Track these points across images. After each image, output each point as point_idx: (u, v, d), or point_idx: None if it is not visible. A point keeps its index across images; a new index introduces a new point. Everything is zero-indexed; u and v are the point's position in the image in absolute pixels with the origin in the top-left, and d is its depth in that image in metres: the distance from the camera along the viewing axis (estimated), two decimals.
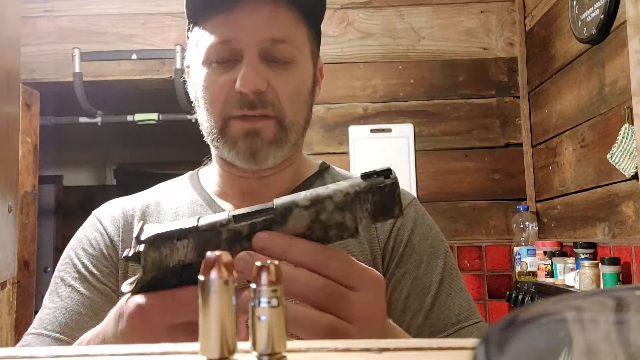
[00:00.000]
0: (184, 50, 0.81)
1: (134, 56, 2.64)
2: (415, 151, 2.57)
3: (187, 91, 0.86)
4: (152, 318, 0.47)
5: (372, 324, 0.48)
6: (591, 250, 1.91)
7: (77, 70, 2.61)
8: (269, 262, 0.38)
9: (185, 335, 0.47)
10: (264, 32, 0.75)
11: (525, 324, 0.29)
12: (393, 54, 2.65)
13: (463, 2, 2.66)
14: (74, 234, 0.89)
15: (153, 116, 2.93)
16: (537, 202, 2.51)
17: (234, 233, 0.46)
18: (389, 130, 2.59)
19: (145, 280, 0.47)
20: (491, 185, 2.57)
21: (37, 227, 2.80)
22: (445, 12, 2.66)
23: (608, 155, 1.78)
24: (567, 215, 2.22)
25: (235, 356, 0.37)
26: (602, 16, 1.83)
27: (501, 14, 2.66)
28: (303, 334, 0.45)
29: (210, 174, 0.88)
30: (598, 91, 1.94)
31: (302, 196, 0.47)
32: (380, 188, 0.49)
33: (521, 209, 2.42)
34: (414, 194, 2.53)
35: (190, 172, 0.91)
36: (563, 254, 2.10)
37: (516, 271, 2.34)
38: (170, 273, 0.47)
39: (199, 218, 0.48)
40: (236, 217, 0.47)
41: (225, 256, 0.38)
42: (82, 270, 0.81)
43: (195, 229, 0.46)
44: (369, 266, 0.78)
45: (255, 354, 0.37)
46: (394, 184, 0.49)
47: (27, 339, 0.77)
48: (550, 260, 2.15)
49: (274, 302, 0.37)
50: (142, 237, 0.47)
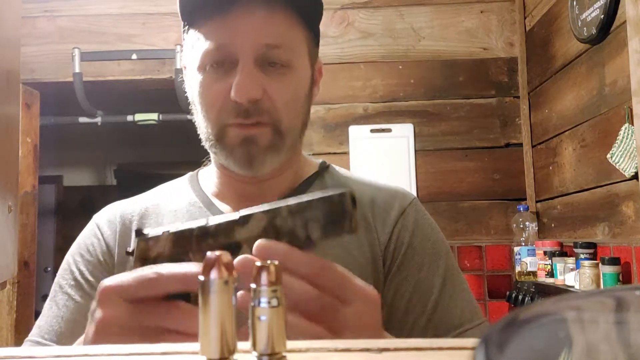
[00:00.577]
0: (184, 44, 0.81)
1: (134, 56, 2.64)
2: (415, 151, 2.57)
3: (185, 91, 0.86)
4: (122, 318, 0.48)
5: (362, 337, 0.48)
6: (591, 250, 1.91)
7: (77, 70, 2.61)
8: (268, 262, 0.38)
9: (155, 338, 0.47)
10: (259, 38, 0.74)
11: (525, 324, 0.29)
12: (393, 54, 2.65)
13: (463, 2, 2.66)
14: (74, 234, 0.90)
15: (153, 116, 2.93)
16: (537, 202, 2.51)
17: (204, 231, 0.52)
18: (389, 130, 2.59)
19: (137, 266, 0.52)
20: (491, 185, 2.57)
21: (37, 227, 2.80)
22: (445, 12, 2.66)
23: (608, 155, 1.78)
24: (567, 215, 2.22)
25: (235, 356, 0.37)
26: (602, 16, 1.83)
27: (501, 14, 2.66)
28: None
29: (209, 176, 0.88)
30: (598, 91, 1.94)
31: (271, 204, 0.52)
32: (331, 201, 0.49)
33: (521, 209, 2.42)
34: (414, 194, 2.53)
35: (190, 173, 0.92)
36: (563, 254, 2.10)
37: (516, 271, 2.34)
38: (153, 263, 0.51)
39: (183, 224, 0.54)
40: (210, 220, 0.53)
41: (225, 256, 0.38)
42: (79, 277, 0.82)
43: (175, 231, 0.52)
44: (369, 268, 0.79)
45: (255, 354, 0.37)
46: (343, 198, 0.50)
47: (26, 347, 0.78)
48: (550, 260, 2.15)
49: (274, 302, 0.37)
50: (141, 232, 0.53)
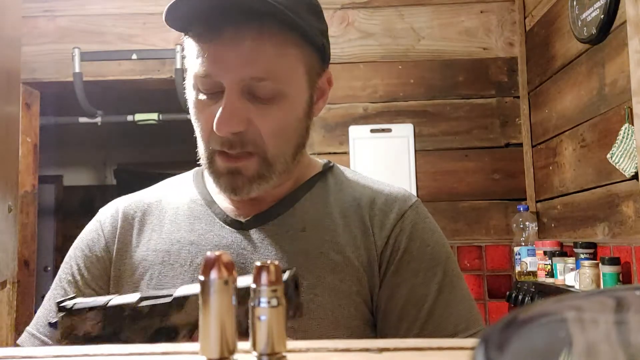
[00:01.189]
0: (184, 50, 0.80)
1: (134, 56, 2.64)
2: (415, 151, 2.57)
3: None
4: None
5: None
6: (591, 250, 1.91)
7: (77, 70, 2.61)
8: (268, 262, 0.38)
9: None
10: (244, 71, 0.71)
11: (525, 324, 0.29)
12: (393, 54, 2.64)
13: (463, 2, 2.66)
14: (74, 234, 0.91)
15: (153, 116, 2.93)
16: (537, 202, 2.51)
17: (136, 312, 0.52)
18: (389, 130, 2.59)
19: (62, 344, 0.51)
20: (491, 185, 2.57)
21: (37, 227, 2.80)
22: (445, 12, 2.66)
23: (608, 155, 1.78)
24: (567, 215, 2.22)
25: (235, 356, 0.37)
26: (602, 16, 1.83)
27: (501, 14, 2.65)
28: None
29: None
30: (598, 91, 1.94)
31: None
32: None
33: (521, 209, 2.42)
34: (414, 194, 2.53)
35: (197, 169, 0.91)
36: (563, 254, 2.10)
37: (516, 271, 2.34)
38: (84, 342, 0.51)
39: (114, 297, 0.54)
40: (142, 299, 0.53)
41: (225, 256, 0.38)
42: (76, 272, 0.84)
43: (104, 306, 0.52)
44: (364, 271, 0.78)
45: (255, 354, 0.37)
46: (286, 284, 0.47)
47: (23, 337, 0.81)
48: (550, 260, 2.15)
49: (274, 302, 0.37)
50: (63, 305, 0.53)
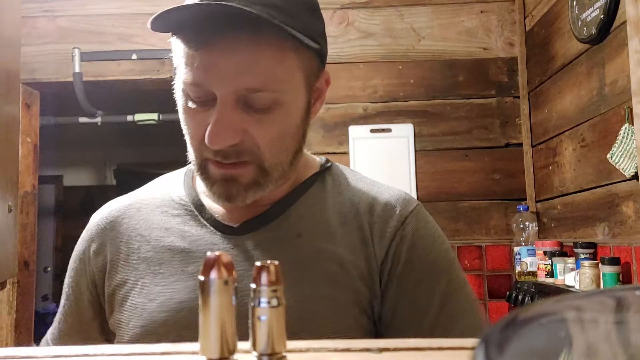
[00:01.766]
0: (172, 50, 0.77)
1: (134, 56, 2.64)
2: (415, 151, 2.57)
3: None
4: None
5: None
6: (591, 250, 1.91)
7: (77, 70, 2.61)
8: (268, 262, 0.38)
9: None
10: (238, 82, 0.68)
11: (525, 324, 0.29)
12: (393, 54, 2.64)
13: (463, 2, 2.66)
14: (74, 234, 0.92)
15: (153, 116, 2.93)
16: (537, 202, 2.51)
17: None
18: (389, 130, 2.59)
19: None
20: (491, 185, 2.57)
21: (37, 227, 2.80)
22: (445, 12, 2.66)
23: (608, 155, 1.78)
24: (567, 215, 2.22)
25: (235, 356, 0.37)
26: (602, 16, 1.83)
27: (501, 14, 2.65)
28: None
29: None
30: (598, 91, 1.94)
31: None
32: None
33: (521, 209, 2.42)
34: (414, 194, 2.53)
35: (189, 167, 0.87)
36: (563, 254, 2.10)
37: (516, 271, 2.34)
38: None
39: None
40: None
41: (225, 256, 0.38)
42: (67, 285, 0.86)
43: None
44: (364, 284, 0.74)
45: (255, 354, 0.37)
46: None
47: (42, 342, 0.86)
48: (550, 260, 2.15)
49: (274, 302, 0.37)
50: None
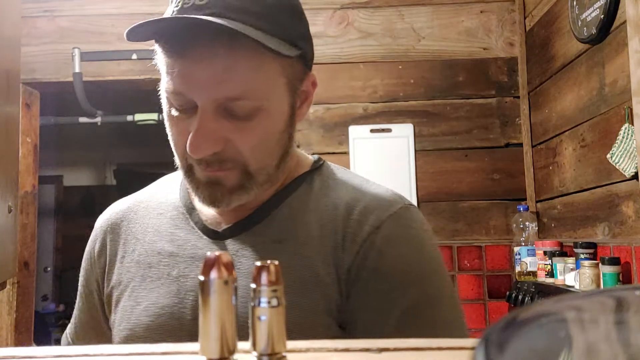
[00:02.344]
0: (155, 55, 0.77)
1: (134, 56, 2.64)
2: (415, 151, 2.57)
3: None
4: None
5: None
6: (591, 250, 1.91)
7: (77, 70, 2.61)
8: (268, 262, 0.38)
9: None
10: (217, 91, 0.67)
11: (525, 324, 0.29)
12: (393, 54, 2.64)
13: (463, 2, 2.66)
14: (74, 234, 0.96)
15: (153, 116, 2.93)
16: (537, 202, 2.51)
17: None
18: (389, 130, 2.59)
19: None
20: (491, 185, 2.57)
21: (37, 227, 2.80)
22: (445, 12, 2.66)
23: (608, 155, 1.77)
24: (567, 215, 2.22)
25: (235, 356, 0.37)
26: (602, 16, 1.83)
27: (501, 14, 2.65)
28: None
29: None
30: (598, 91, 1.94)
31: None
32: None
33: (521, 209, 2.42)
34: (414, 194, 2.53)
35: None
36: (563, 254, 2.10)
37: (516, 271, 2.34)
38: None
39: None
40: None
41: (225, 256, 0.38)
42: (80, 283, 0.89)
43: None
44: (334, 290, 0.71)
45: (255, 354, 0.37)
46: None
47: (63, 338, 0.90)
48: (550, 260, 2.15)
49: (274, 302, 0.37)
50: None
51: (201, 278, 0.37)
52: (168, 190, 0.86)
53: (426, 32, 2.65)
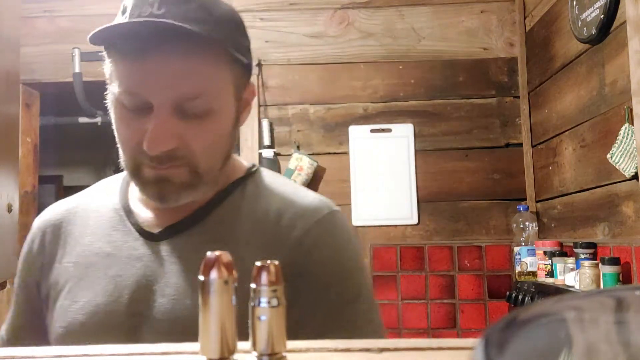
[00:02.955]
0: (104, 60, 0.79)
1: None
2: (415, 151, 2.57)
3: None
4: None
5: None
6: (591, 250, 1.91)
7: (77, 70, 2.61)
8: (268, 262, 0.38)
9: None
10: (175, 90, 0.71)
11: (525, 324, 0.29)
12: (393, 54, 2.64)
13: (463, 2, 2.66)
14: None
15: None
16: (537, 202, 2.51)
17: None
18: (389, 130, 2.59)
19: None
20: (491, 185, 2.57)
21: None
22: (446, 12, 2.66)
23: (608, 155, 1.77)
24: (567, 215, 2.22)
25: (235, 356, 0.37)
26: (602, 16, 1.83)
27: (501, 14, 2.65)
28: None
29: None
30: (598, 91, 1.94)
31: None
32: None
33: (521, 209, 2.42)
34: (414, 194, 2.53)
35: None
36: (563, 254, 2.10)
37: (516, 271, 2.34)
38: None
39: None
40: None
41: (225, 256, 0.38)
42: (20, 281, 0.89)
43: None
44: None
45: (255, 354, 0.37)
46: None
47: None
48: (550, 260, 2.15)
49: (274, 302, 0.37)
50: None
51: (201, 278, 0.37)
52: (106, 194, 0.89)
53: (426, 32, 2.65)
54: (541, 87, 2.44)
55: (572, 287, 1.93)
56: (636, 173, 1.67)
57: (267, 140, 2.56)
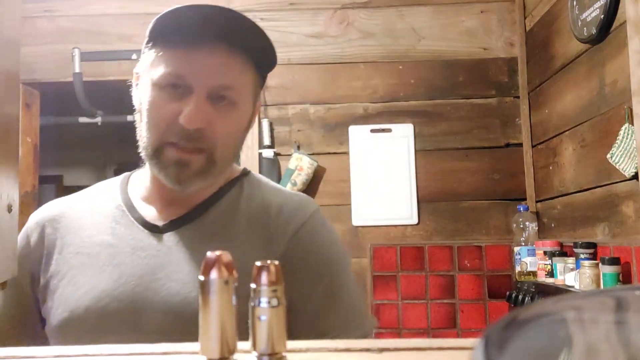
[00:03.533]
0: (142, 56, 0.86)
1: (134, 56, 2.64)
2: (415, 151, 2.57)
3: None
4: None
5: None
6: (591, 250, 1.91)
7: (77, 70, 2.61)
8: (268, 262, 0.38)
9: None
10: (215, 78, 0.82)
11: (525, 324, 0.29)
12: (393, 54, 2.64)
13: (463, 2, 2.66)
14: None
15: None
16: (537, 202, 2.51)
17: None
18: (389, 130, 2.59)
19: None
20: (491, 185, 2.57)
21: None
22: (446, 12, 2.66)
23: (608, 155, 1.77)
24: (567, 215, 2.22)
25: (235, 356, 0.37)
26: (602, 16, 1.83)
27: (501, 14, 2.65)
28: None
29: (142, 178, 0.94)
30: (598, 91, 1.94)
31: None
32: None
33: (521, 209, 2.42)
34: (414, 194, 2.53)
35: (125, 174, 0.98)
36: (563, 254, 2.10)
37: (516, 271, 2.34)
38: None
39: None
40: None
41: (225, 256, 0.38)
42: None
43: None
44: None
45: (255, 354, 0.37)
46: None
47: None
48: (550, 260, 2.14)
49: (274, 302, 0.37)
50: None
51: (201, 278, 0.37)
52: (107, 192, 0.94)
53: (426, 32, 2.65)
54: (541, 87, 2.44)
55: (572, 287, 1.93)
56: (636, 173, 1.67)
57: (267, 140, 2.56)
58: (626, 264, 1.75)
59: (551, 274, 2.13)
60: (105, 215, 0.89)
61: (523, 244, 2.36)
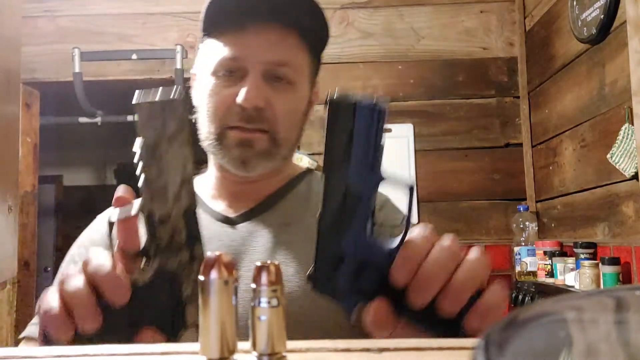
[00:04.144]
0: (184, 50, 0.85)
1: (134, 56, 2.64)
2: (415, 151, 2.57)
3: (190, 96, 0.91)
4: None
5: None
6: (591, 250, 1.91)
7: (77, 70, 2.61)
8: (268, 262, 0.38)
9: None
10: (269, 55, 0.81)
11: (525, 324, 0.29)
12: (393, 53, 2.64)
13: (463, 2, 2.66)
14: (74, 234, 0.93)
15: None
16: (537, 202, 2.51)
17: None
18: (389, 130, 2.58)
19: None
20: (491, 185, 2.57)
21: (37, 227, 2.80)
22: (445, 12, 2.66)
23: (608, 155, 1.78)
24: (567, 215, 2.22)
25: (235, 356, 0.37)
26: (602, 16, 1.83)
27: (501, 14, 2.65)
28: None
29: (205, 181, 0.93)
30: (598, 91, 1.94)
31: None
32: None
33: (521, 209, 2.42)
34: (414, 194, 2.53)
35: None
36: (563, 254, 2.10)
37: (516, 271, 2.34)
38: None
39: None
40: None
41: (225, 256, 0.38)
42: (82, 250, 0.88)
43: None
44: None
45: (255, 354, 0.37)
46: None
47: (30, 329, 0.82)
48: (550, 260, 2.15)
49: (274, 302, 0.37)
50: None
51: (201, 278, 0.37)
52: None
53: (426, 32, 2.65)
54: (541, 87, 2.44)
55: (572, 287, 1.93)
56: (636, 173, 1.67)
57: None
58: (626, 264, 1.75)
59: (551, 274, 2.13)
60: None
61: (523, 244, 2.36)
